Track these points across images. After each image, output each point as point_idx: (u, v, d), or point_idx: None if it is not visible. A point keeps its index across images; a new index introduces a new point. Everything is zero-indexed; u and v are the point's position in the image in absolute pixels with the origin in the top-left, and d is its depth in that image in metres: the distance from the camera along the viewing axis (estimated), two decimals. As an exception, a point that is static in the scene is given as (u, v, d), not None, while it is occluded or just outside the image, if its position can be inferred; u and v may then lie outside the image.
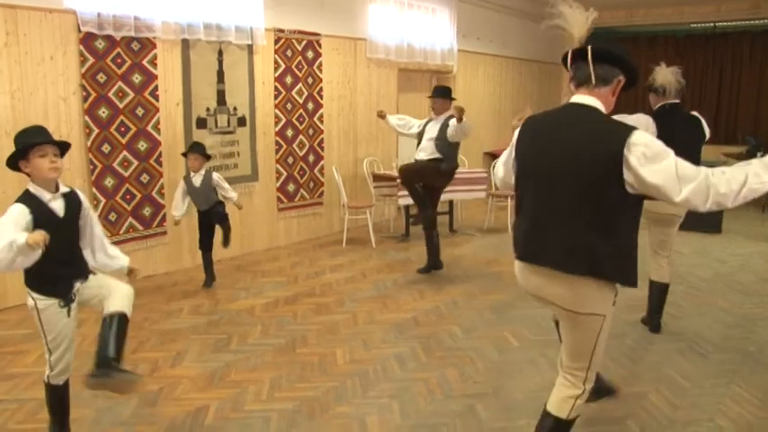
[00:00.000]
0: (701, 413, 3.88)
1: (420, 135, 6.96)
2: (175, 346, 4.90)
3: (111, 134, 6.20)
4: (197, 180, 6.13)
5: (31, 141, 3.15)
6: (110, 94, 6.15)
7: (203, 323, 5.41)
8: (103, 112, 6.12)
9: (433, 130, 6.79)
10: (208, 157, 6.28)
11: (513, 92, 11.91)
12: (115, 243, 6.29)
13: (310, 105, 8.29)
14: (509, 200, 9.01)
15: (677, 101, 5.07)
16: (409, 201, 8.32)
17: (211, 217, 6.26)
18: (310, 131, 8.35)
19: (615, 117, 2.91)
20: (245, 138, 7.54)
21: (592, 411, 3.89)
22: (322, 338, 5.09)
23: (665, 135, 4.77)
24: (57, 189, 3.25)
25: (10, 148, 5.44)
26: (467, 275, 6.81)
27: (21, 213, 3.07)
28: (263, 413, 3.90)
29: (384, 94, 9.45)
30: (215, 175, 6.18)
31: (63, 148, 3.29)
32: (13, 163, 3.19)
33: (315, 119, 8.36)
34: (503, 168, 3.14)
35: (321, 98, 8.43)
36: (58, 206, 3.23)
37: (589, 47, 2.73)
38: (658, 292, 5.20)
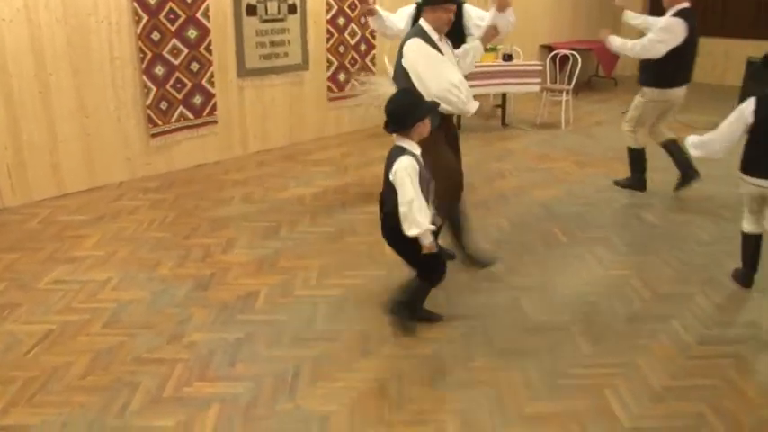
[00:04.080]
0: (745, 315, 3.86)
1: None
2: (226, 233, 5.01)
3: (160, 21, 6.13)
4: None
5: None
6: (158, -21, 6.05)
7: (254, 211, 5.51)
8: (152, -1, 6.04)
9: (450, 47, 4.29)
10: None
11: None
12: (166, 132, 6.45)
13: (361, -8, 8.04)
14: (563, 95, 8.74)
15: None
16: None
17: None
18: (362, 20, 8.14)
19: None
20: (295, 26, 7.38)
21: (637, 309, 3.91)
22: (371, 228, 5.12)
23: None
24: None
25: (61, 36, 5.54)
26: (517, 170, 6.70)
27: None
28: (311, 299, 4.01)
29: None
30: None
31: None
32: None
33: (366, 6, 8.12)
34: (728, 142, 3.99)
35: (372, -16, 8.15)
36: None
37: None
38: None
